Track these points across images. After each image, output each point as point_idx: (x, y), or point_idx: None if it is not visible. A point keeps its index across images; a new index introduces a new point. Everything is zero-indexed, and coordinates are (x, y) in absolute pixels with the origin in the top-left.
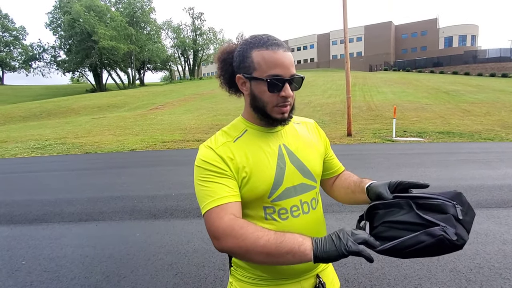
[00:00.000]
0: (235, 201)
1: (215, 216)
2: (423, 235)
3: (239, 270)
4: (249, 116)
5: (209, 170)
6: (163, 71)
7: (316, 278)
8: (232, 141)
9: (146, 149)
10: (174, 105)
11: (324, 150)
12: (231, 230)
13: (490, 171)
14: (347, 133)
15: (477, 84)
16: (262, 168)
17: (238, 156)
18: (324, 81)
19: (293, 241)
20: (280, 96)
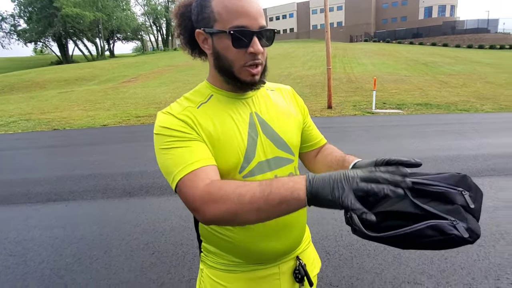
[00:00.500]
0: (210, 165)
1: (189, 185)
2: (429, 229)
3: (210, 256)
4: (215, 79)
5: (172, 136)
6: (134, 42)
7: (296, 260)
8: (196, 107)
9: (119, 124)
10: (148, 77)
11: (302, 119)
12: (208, 196)
13: (465, 142)
14: (328, 105)
15: (455, 55)
16: (232, 137)
17: (204, 123)
18: (304, 52)
19: (282, 189)
20: (248, 53)
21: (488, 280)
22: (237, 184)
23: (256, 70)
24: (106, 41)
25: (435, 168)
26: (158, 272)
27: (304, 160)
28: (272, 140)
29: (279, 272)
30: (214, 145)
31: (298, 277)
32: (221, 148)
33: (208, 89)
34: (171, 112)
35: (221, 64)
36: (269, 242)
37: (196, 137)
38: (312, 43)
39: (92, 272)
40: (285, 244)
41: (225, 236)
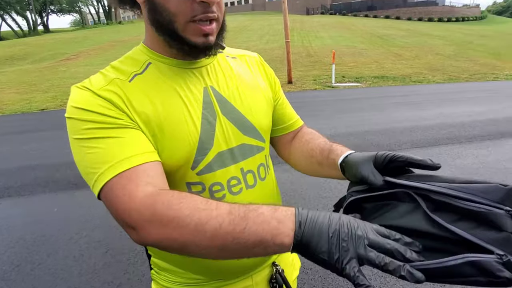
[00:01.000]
0: (151, 161)
1: (120, 193)
2: (467, 265)
3: (163, 273)
4: (153, 41)
5: (91, 122)
6: (71, 14)
7: (272, 267)
8: (127, 80)
9: (60, 107)
10: (90, 54)
11: (273, 95)
12: (152, 214)
13: (421, 112)
14: (288, 80)
15: (407, 28)
16: (180, 122)
17: (139, 103)
18: (261, 25)
19: (261, 228)
20: (197, 1)
21: None
22: (196, 204)
23: (209, 28)
24: (38, 14)
25: (394, 139)
26: (113, 273)
27: (277, 147)
28: (235, 123)
29: (253, 284)
30: (155, 134)
31: (276, 286)
32: (165, 138)
33: (144, 54)
34: (89, 87)
35: (158, 18)
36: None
37: (128, 123)
38: (268, 15)
39: (34, 279)
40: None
41: None
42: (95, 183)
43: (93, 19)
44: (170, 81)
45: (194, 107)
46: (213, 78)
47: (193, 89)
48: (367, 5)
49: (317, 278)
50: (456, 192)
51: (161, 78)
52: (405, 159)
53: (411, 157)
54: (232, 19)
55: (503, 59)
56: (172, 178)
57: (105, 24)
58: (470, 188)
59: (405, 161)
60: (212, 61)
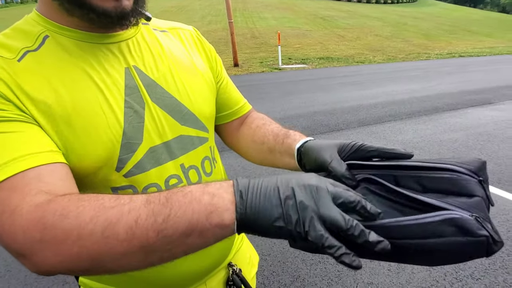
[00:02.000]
0: (49, 163)
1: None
2: (447, 224)
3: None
4: (49, 8)
5: None
6: None
7: (228, 268)
8: (16, 59)
9: None
10: None
11: (214, 76)
12: (42, 228)
13: (365, 92)
14: (234, 63)
15: (347, 9)
16: (94, 113)
17: (33, 88)
18: (201, 5)
19: (192, 209)
20: None
21: None
22: (102, 202)
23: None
24: None
25: (342, 118)
26: (49, 286)
27: (223, 135)
28: (170, 111)
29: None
30: (59, 129)
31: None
32: (74, 134)
33: (38, 25)
34: None
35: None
36: (183, 264)
37: (16, 115)
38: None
39: None
40: (207, 260)
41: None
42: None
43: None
44: (78, 60)
45: (113, 93)
46: (137, 56)
47: (110, 71)
48: None
49: (276, 263)
50: (429, 163)
51: (64, 57)
52: (375, 149)
53: (382, 147)
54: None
55: (433, 39)
56: (90, 185)
57: None
58: (443, 160)
59: (374, 151)
60: (135, 34)
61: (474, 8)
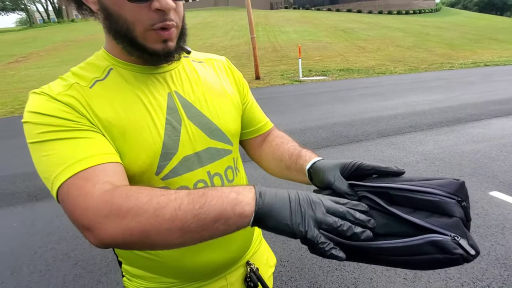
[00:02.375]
0: (111, 162)
1: (76, 192)
2: (429, 245)
3: (135, 280)
4: (113, 47)
5: (47, 125)
6: (16, 12)
7: (246, 266)
8: (88, 86)
9: (10, 115)
10: (42, 56)
11: (241, 98)
12: (109, 209)
13: (385, 103)
14: (255, 76)
15: (368, 21)
16: (142, 128)
17: (100, 108)
18: (225, 21)
19: (221, 200)
20: (153, 10)
21: None
22: (155, 192)
23: (167, 34)
24: None
25: (361, 130)
26: (85, 284)
27: (247, 149)
28: (201, 127)
29: (227, 284)
30: (117, 139)
31: (251, 285)
32: (126, 144)
33: (105, 60)
34: (47, 92)
35: (115, 27)
36: (205, 255)
37: (88, 126)
38: (232, 11)
39: None
40: (228, 254)
41: (149, 254)
42: (52, 185)
43: (42, 17)
44: (133, 87)
45: (157, 113)
46: (178, 83)
47: (156, 95)
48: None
49: (294, 269)
50: (415, 187)
51: (123, 84)
52: (372, 167)
53: (377, 165)
54: (195, 15)
55: (457, 49)
56: (134, 184)
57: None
58: (427, 183)
59: (371, 169)
60: (177, 66)
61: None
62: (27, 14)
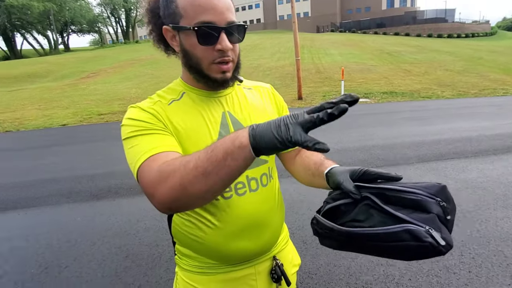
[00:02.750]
0: (173, 151)
1: (146, 170)
2: (405, 233)
3: (184, 258)
4: (187, 77)
5: (137, 126)
6: (91, 34)
7: (273, 260)
8: (167, 104)
9: (80, 123)
10: (109, 72)
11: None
12: (159, 175)
13: (429, 127)
14: (298, 96)
15: (416, 44)
16: (201, 136)
17: (173, 119)
18: (272, 43)
19: (225, 142)
20: (216, 50)
21: (453, 256)
22: (184, 156)
23: (226, 67)
24: (59, 34)
25: (401, 153)
26: (134, 275)
27: (284, 161)
28: None
29: (255, 273)
30: (182, 142)
31: (275, 277)
32: (189, 147)
33: (180, 86)
34: (140, 106)
35: (190, 61)
36: (241, 242)
37: (163, 128)
38: (279, 34)
39: (62, 281)
40: (258, 244)
41: (197, 237)
42: (134, 168)
43: (112, 38)
44: (198, 106)
45: (213, 126)
46: (230, 105)
47: (214, 113)
48: (376, 23)
49: (321, 282)
50: (404, 188)
51: (191, 104)
52: (375, 173)
53: (380, 171)
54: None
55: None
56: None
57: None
58: (415, 185)
59: (375, 175)
60: (231, 91)
61: None
62: (100, 35)
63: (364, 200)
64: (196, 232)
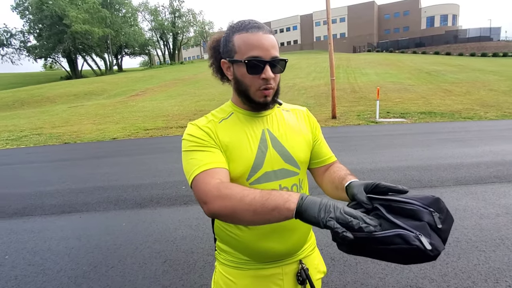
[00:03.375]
0: (222, 168)
1: (202, 181)
2: (397, 237)
3: (222, 254)
4: (236, 100)
5: (194, 142)
6: (141, 56)
7: (299, 263)
8: (218, 122)
9: (128, 137)
10: (155, 91)
11: (312, 137)
12: (217, 192)
13: (468, 149)
14: (332, 115)
15: (458, 64)
16: (243, 149)
17: (221, 135)
18: (308, 63)
19: (278, 198)
20: (261, 78)
21: (488, 283)
22: (243, 188)
23: (267, 92)
24: (114, 56)
25: (437, 175)
26: (170, 279)
27: (314, 175)
28: (280, 154)
29: (282, 273)
30: (227, 155)
31: (300, 280)
32: (233, 158)
33: (230, 107)
34: (197, 124)
35: (240, 87)
36: (270, 243)
37: (213, 145)
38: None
39: (108, 280)
40: (285, 246)
41: (235, 234)
42: (190, 177)
43: (159, 60)
44: (242, 124)
45: (254, 141)
46: (270, 123)
47: (255, 130)
48: (415, 42)
49: None
50: (405, 199)
51: (237, 122)
52: (385, 186)
53: (389, 185)
54: None
55: None
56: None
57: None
58: (413, 197)
59: (385, 188)
60: (271, 112)
61: None
62: (149, 57)
63: (375, 210)
64: (234, 230)
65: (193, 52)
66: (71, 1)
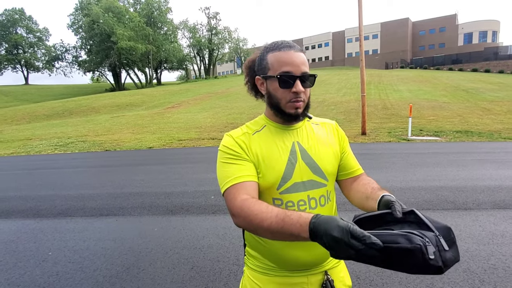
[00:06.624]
0: (250, 181)
1: (231, 196)
2: (402, 237)
3: (251, 259)
4: (269, 113)
5: (228, 153)
6: (179, 71)
7: (324, 274)
8: (251, 134)
9: (163, 147)
10: (190, 103)
11: (340, 150)
12: (241, 210)
13: (509, 172)
14: (362, 131)
15: (498, 81)
16: (273, 160)
17: (254, 147)
18: (339, 79)
19: (292, 228)
20: (292, 92)
21: None
22: (261, 210)
23: (298, 104)
24: (154, 70)
25: (473, 197)
26: (197, 285)
27: (341, 186)
28: (309, 165)
29: (308, 282)
30: (258, 166)
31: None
32: (264, 169)
33: (263, 120)
34: (232, 135)
35: (272, 101)
36: (296, 251)
37: (246, 157)
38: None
39: (139, 281)
40: (311, 255)
41: (262, 241)
42: (223, 188)
43: (195, 74)
44: (274, 137)
45: (284, 153)
46: (300, 136)
47: (286, 142)
48: (451, 59)
49: None
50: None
51: (269, 135)
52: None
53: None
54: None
55: None
56: (265, 192)
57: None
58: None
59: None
60: (302, 125)
61: None
62: (186, 72)
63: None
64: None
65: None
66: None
